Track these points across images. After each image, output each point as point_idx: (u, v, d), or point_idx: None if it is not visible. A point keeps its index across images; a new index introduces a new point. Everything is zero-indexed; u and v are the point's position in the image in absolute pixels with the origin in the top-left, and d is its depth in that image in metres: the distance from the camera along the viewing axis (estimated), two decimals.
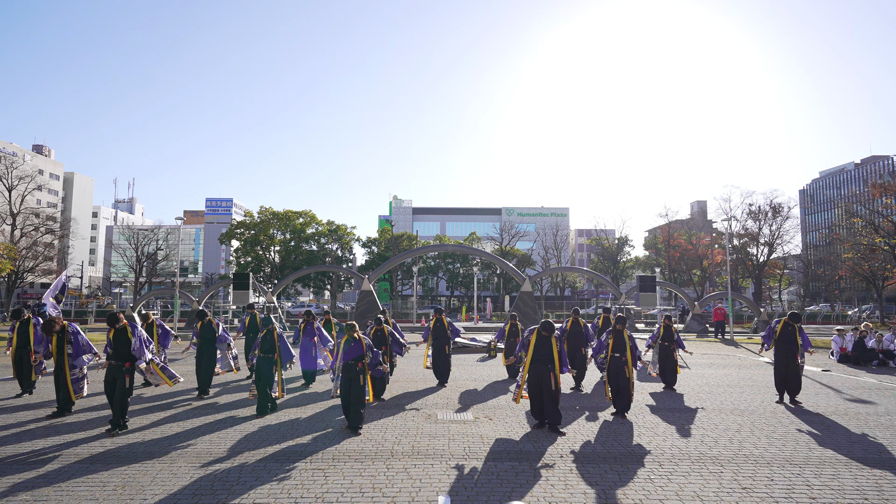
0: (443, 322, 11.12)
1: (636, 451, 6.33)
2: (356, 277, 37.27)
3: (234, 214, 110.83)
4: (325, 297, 73.45)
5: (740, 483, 5.29)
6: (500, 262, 33.22)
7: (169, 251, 61.59)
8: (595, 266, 66.28)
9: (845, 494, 5.02)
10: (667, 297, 60.07)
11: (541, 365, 7.31)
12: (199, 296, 46.40)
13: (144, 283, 56.24)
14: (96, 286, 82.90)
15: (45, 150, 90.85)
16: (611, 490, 5.08)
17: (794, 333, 9.44)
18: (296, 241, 54.14)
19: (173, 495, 4.85)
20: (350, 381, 7.23)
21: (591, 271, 48.15)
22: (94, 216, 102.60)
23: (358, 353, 7.34)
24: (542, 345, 7.35)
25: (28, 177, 47.60)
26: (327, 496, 4.85)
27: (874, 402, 9.58)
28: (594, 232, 66.15)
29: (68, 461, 5.81)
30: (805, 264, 55.27)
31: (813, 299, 56.92)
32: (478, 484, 5.20)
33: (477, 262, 51.27)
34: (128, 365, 7.12)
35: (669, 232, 54.60)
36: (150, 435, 6.89)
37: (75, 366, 7.98)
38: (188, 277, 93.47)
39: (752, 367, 14.22)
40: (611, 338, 8.26)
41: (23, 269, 42.28)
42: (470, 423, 7.70)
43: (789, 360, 9.34)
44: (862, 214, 41.18)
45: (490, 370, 13.21)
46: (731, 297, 24.87)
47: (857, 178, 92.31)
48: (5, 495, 4.84)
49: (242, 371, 12.29)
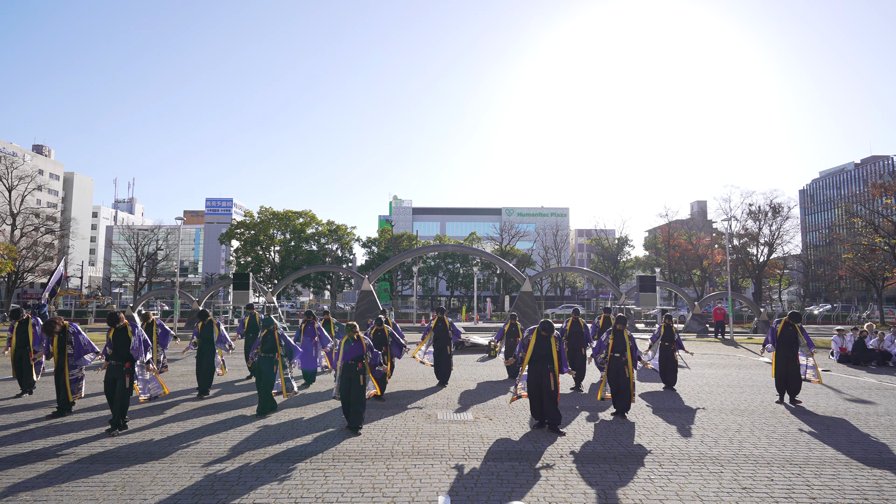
0: (444, 322, 11.09)
1: (636, 451, 6.33)
2: (356, 277, 37.27)
3: (234, 214, 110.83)
4: (325, 297, 73.40)
5: (740, 483, 5.29)
6: (500, 262, 33.22)
7: (169, 251, 61.60)
8: (595, 266, 66.26)
9: (845, 494, 5.02)
10: (667, 297, 60.11)
11: (540, 365, 7.30)
12: (198, 296, 46.38)
13: (144, 283, 56.23)
14: (96, 286, 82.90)
15: (45, 150, 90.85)
16: (611, 490, 5.08)
17: (794, 333, 9.45)
18: (296, 241, 54.14)
19: (173, 495, 4.85)
20: (350, 381, 7.23)
21: (591, 271, 48.14)
22: (94, 216, 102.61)
23: (358, 353, 7.33)
24: (541, 345, 7.35)
25: (28, 177, 47.58)
26: (327, 496, 4.86)
27: (874, 402, 9.58)
28: (594, 232, 66.13)
29: (68, 461, 5.81)
30: (805, 264, 55.27)
31: (813, 299, 56.89)
32: (478, 484, 5.20)
33: (477, 262, 51.26)
34: (128, 365, 7.11)
35: (669, 232, 54.60)
36: (150, 435, 6.89)
37: (75, 366, 7.99)
38: (188, 277, 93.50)
39: (752, 367, 14.22)
40: (611, 338, 8.25)
41: (23, 269, 42.31)
42: (470, 423, 7.70)
43: (790, 359, 9.34)
44: (862, 214, 41.14)
45: (490, 370, 13.21)
46: (731, 297, 24.87)
47: (857, 178, 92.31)
48: (5, 495, 4.84)
49: (239, 372, 12.29)
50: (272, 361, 8.18)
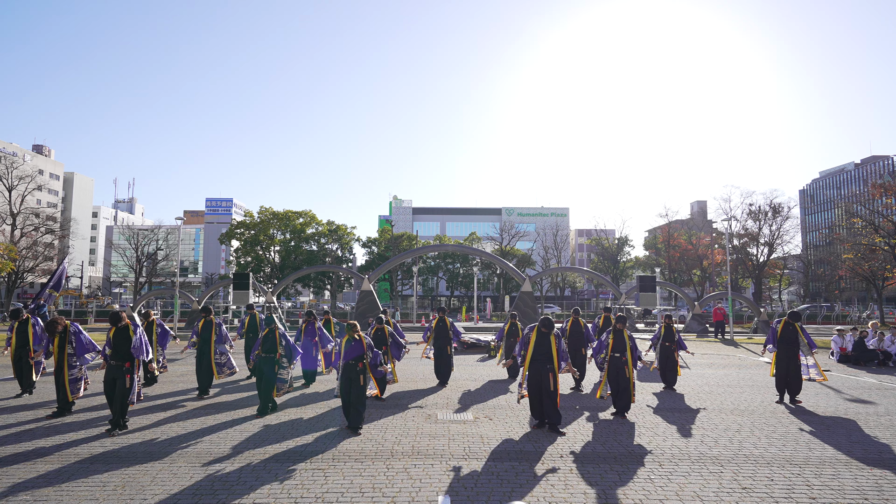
0: (445, 322, 11.07)
1: (636, 451, 6.33)
2: (356, 277, 37.26)
3: (234, 214, 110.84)
4: (325, 297, 73.44)
5: (740, 483, 5.29)
6: (500, 262, 33.21)
7: (169, 251, 61.60)
8: (595, 266, 66.25)
9: (845, 494, 5.02)
10: (667, 297, 60.09)
11: (540, 364, 7.29)
12: (199, 296, 46.38)
13: (144, 283, 56.23)
14: (96, 286, 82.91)
15: (45, 150, 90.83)
16: (611, 490, 5.08)
17: (795, 333, 9.45)
18: (296, 241, 54.15)
19: (173, 495, 4.85)
20: (350, 381, 7.22)
21: (591, 271, 48.15)
22: (94, 216, 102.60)
23: (358, 352, 7.33)
24: (541, 342, 7.34)
25: (28, 177, 47.60)
26: (327, 496, 4.85)
27: (874, 402, 9.58)
28: (594, 232, 66.13)
29: (68, 461, 5.80)
30: (805, 264, 55.28)
31: (813, 299, 56.86)
32: (478, 484, 5.20)
33: (477, 262, 51.25)
34: (128, 365, 7.07)
35: (669, 232, 54.60)
36: (150, 435, 6.89)
37: (74, 366, 7.98)
38: (188, 277, 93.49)
39: (752, 367, 14.22)
40: (611, 337, 8.25)
41: (23, 269, 42.31)
42: (470, 423, 7.69)
43: (790, 359, 9.34)
44: (862, 214, 41.13)
45: (490, 370, 13.21)
46: (731, 297, 24.87)
47: (857, 178, 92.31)
48: (5, 495, 4.83)
49: (239, 372, 12.28)
50: (273, 361, 8.17)
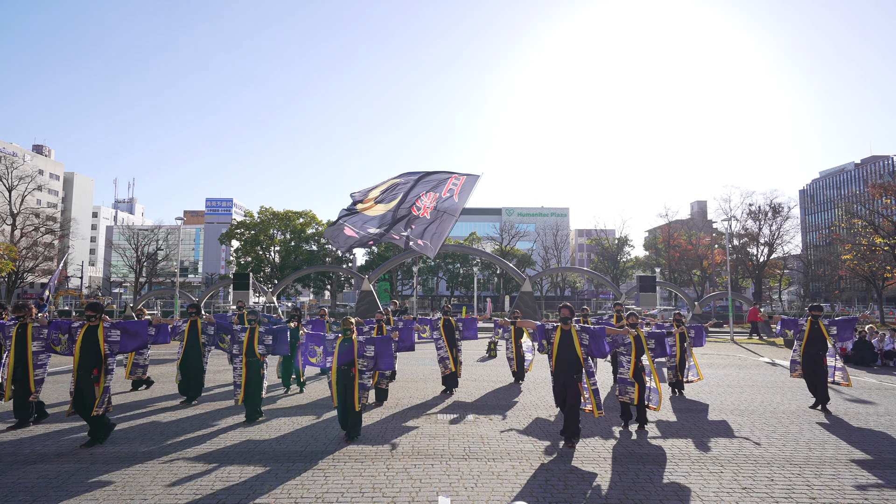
0: (451, 323, 9.97)
1: (636, 451, 6.33)
2: (356, 277, 37.26)
3: (234, 214, 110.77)
4: (326, 297, 73.41)
5: (740, 483, 5.29)
6: (500, 262, 33.24)
7: (169, 251, 61.60)
8: (595, 266, 66.28)
9: (845, 494, 5.02)
10: (667, 297, 60.12)
11: (564, 375, 6.52)
12: (199, 296, 46.39)
13: (144, 284, 56.24)
14: (96, 286, 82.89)
15: (45, 150, 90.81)
16: (611, 490, 5.08)
17: (821, 333, 8.55)
18: (296, 242, 54.14)
19: (173, 495, 4.85)
20: (346, 389, 6.73)
21: (591, 271, 48.16)
22: (94, 216, 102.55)
23: (349, 358, 6.72)
24: (565, 343, 6.56)
25: (28, 177, 47.63)
26: (327, 496, 4.86)
27: (874, 402, 9.58)
28: (594, 232, 66.14)
29: (69, 461, 5.81)
30: (805, 264, 55.28)
31: (813, 299, 56.88)
32: (478, 484, 5.20)
33: (477, 262, 51.22)
34: (95, 372, 6.22)
35: (669, 232, 54.60)
36: (150, 435, 6.90)
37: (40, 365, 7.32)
38: (188, 277, 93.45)
39: (752, 367, 14.22)
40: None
41: (23, 269, 42.32)
42: (470, 423, 7.70)
43: (816, 362, 8.55)
44: (862, 214, 41.13)
45: (490, 370, 13.21)
46: (731, 296, 24.87)
47: (857, 179, 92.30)
48: (5, 495, 4.84)
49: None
50: (257, 364, 7.70)
